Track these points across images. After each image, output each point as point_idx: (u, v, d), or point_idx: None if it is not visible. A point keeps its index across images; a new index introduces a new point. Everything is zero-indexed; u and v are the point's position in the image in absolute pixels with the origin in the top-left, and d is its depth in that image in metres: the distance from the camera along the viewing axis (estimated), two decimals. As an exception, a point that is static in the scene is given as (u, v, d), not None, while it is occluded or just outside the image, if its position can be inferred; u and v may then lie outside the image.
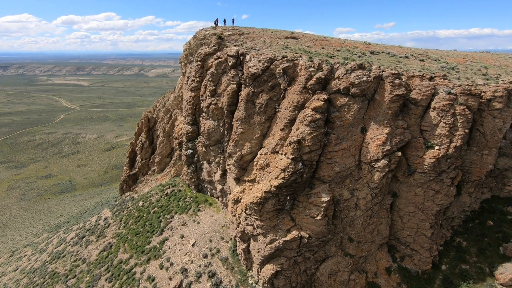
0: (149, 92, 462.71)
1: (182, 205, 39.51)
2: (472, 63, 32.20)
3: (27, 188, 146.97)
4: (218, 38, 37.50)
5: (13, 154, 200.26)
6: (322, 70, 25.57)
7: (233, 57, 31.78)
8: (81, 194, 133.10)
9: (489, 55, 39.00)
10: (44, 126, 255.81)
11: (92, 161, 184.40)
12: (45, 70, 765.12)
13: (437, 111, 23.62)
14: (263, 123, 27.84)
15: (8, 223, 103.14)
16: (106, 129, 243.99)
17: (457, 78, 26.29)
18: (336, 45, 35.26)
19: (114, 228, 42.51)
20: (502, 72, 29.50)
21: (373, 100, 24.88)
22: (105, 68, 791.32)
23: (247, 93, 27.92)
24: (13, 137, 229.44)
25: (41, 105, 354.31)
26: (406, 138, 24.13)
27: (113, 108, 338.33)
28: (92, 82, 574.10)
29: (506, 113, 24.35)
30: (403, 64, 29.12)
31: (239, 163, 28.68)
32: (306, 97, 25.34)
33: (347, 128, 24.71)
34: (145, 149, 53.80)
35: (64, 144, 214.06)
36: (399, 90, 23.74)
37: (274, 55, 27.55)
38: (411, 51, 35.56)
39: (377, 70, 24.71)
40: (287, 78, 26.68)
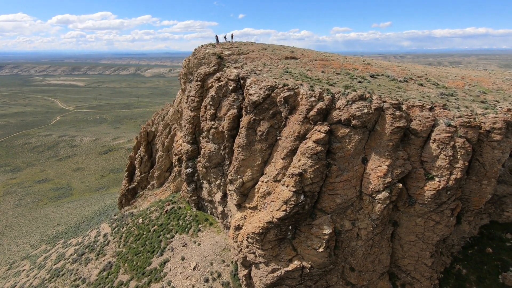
0: (145, 92, 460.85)
1: (182, 224, 39.50)
2: (471, 87, 32.50)
3: (24, 193, 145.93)
4: (218, 58, 37.49)
5: (8, 157, 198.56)
6: (323, 100, 25.69)
7: (234, 81, 31.82)
8: (78, 200, 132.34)
9: (486, 75, 39.35)
10: (40, 129, 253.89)
11: (89, 165, 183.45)
12: (40, 70, 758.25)
13: (437, 143, 23.85)
14: (265, 150, 27.94)
15: (5, 231, 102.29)
16: (103, 131, 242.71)
17: (457, 106, 26.54)
18: (336, 67, 35.41)
19: (114, 246, 42.40)
20: (500, 97, 29.80)
21: (374, 130, 25.07)
22: (101, 68, 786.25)
23: (248, 121, 27.99)
24: (9, 140, 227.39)
25: (37, 107, 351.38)
26: (407, 169, 24.35)
27: (110, 109, 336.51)
28: (88, 83, 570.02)
29: (505, 143, 24.64)
30: (403, 90, 29.33)
31: (240, 190, 28.77)
32: (307, 127, 25.47)
33: (348, 159, 24.88)
34: (144, 163, 53.69)
35: (60, 147, 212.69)
36: (400, 122, 23.94)
37: (275, 83, 27.62)
38: (410, 72, 35.79)
39: (377, 101, 24.87)
40: (288, 106, 26.78)
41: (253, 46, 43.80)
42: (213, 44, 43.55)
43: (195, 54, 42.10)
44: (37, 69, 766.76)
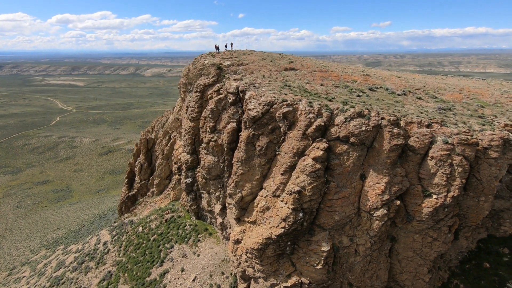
0: (145, 93, 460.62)
1: (182, 234, 39.71)
2: (469, 99, 32.67)
3: (23, 195, 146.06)
4: (218, 68, 37.65)
5: (8, 158, 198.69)
6: (322, 117, 25.86)
7: (233, 94, 32.00)
8: (78, 202, 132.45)
9: (485, 86, 39.50)
10: (39, 129, 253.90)
11: (89, 166, 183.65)
12: (40, 70, 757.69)
13: (435, 161, 24.04)
14: (264, 165, 28.12)
15: (5, 234, 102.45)
16: (103, 132, 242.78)
17: (454, 122, 26.71)
18: (335, 78, 35.56)
19: (113, 255, 42.61)
20: (497, 112, 29.98)
21: (372, 147, 25.26)
22: (101, 68, 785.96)
23: (247, 135, 28.16)
24: (8, 140, 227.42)
25: (36, 107, 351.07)
26: (405, 186, 24.54)
27: (109, 109, 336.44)
28: (87, 83, 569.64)
29: (502, 160, 24.82)
30: (401, 105, 29.50)
31: (240, 204, 28.96)
32: (306, 143, 25.65)
33: (347, 175, 25.07)
34: (144, 170, 53.87)
35: (60, 148, 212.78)
36: (397, 139, 24.12)
37: (274, 98, 27.78)
38: (408, 84, 35.95)
39: (376, 118, 25.05)
40: (287, 122, 26.95)
41: (252, 55, 43.93)
42: (213, 54, 43.70)
43: (195, 64, 42.25)
44: (37, 68, 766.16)
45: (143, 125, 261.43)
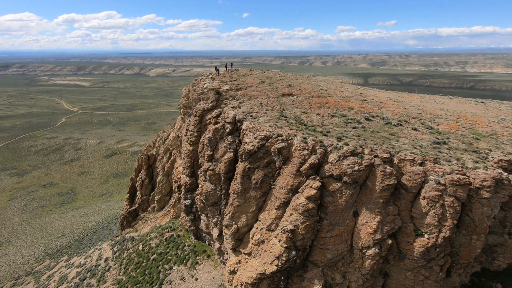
0: (149, 93, 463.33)
1: (181, 255, 40.44)
2: (465, 130, 32.80)
3: (29, 198, 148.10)
4: (216, 93, 38.21)
5: (15, 160, 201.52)
6: (316, 153, 26.29)
7: (230, 124, 32.54)
8: (82, 206, 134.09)
9: (482, 111, 39.46)
10: (45, 131, 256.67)
11: (93, 168, 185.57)
12: (46, 69, 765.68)
13: (427, 200, 24.35)
14: (259, 198, 28.65)
15: (11, 239, 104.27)
16: (107, 134, 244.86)
17: (448, 159, 26.94)
18: (332, 106, 35.89)
19: (114, 273, 43.54)
20: (492, 145, 30.11)
21: (365, 185, 25.64)
22: (106, 68, 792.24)
23: (243, 168, 28.70)
24: (15, 142, 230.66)
25: (43, 108, 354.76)
26: (397, 225, 24.91)
27: (114, 110, 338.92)
28: (93, 83, 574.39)
29: (494, 199, 25.03)
30: (396, 138, 29.77)
31: (235, 235, 29.55)
32: (300, 180, 26.12)
33: (340, 213, 25.50)
34: (145, 186, 54.76)
35: (65, 149, 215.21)
36: (390, 179, 24.47)
37: (270, 133, 28.25)
38: (405, 112, 36.13)
39: (369, 156, 25.40)
40: (282, 157, 27.42)
41: (251, 77, 44.37)
42: (212, 76, 44.25)
43: (195, 86, 42.84)
44: (43, 68, 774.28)
45: (147, 126, 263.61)
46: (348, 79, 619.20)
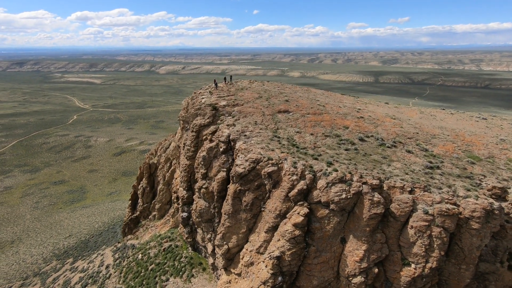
0: (159, 91, 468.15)
1: (178, 266, 41.30)
2: (461, 152, 32.33)
3: (41, 195, 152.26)
4: (213, 109, 38.69)
5: (28, 157, 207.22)
6: (305, 179, 26.47)
7: (224, 143, 32.97)
8: (91, 205, 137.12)
9: (482, 130, 38.68)
10: (57, 128, 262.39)
11: (103, 166, 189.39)
12: (60, 66, 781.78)
13: (415, 230, 24.28)
14: (249, 219, 29.07)
15: (22, 237, 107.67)
16: (117, 132, 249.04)
17: (439, 186, 26.70)
18: (327, 124, 35.86)
19: (114, 281, 44.83)
20: (488, 169, 29.65)
21: (353, 212, 25.71)
22: (117, 65, 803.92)
23: (234, 190, 29.13)
24: (29, 139, 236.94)
25: (55, 105, 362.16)
26: (384, 253, 24.94)
27: (124, 108, 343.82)
28: (104, 80, 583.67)
29: (485, 229, 24.75)
30: (388, 162, 29.61)
31: (226, 255, 30.10)
32: (288, 205, 26.38)
33: (327, 239, 25.67)
34: (146, 194, 55.93)
35: (76, 147, 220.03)
36: (377, 208, 24.48)
37: (260, 156, 28.55)
38: (401, 131, 35.79)
39: (357, 183, 25.43)
40: (272, 181, 27.71)
41: (249, 91, 44.60)
42: (211, 90, 44.69)
43: (193, 100, 43.41)
44: (57, 65, 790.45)
45: (156, 125, 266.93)
46: (359, 78, 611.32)
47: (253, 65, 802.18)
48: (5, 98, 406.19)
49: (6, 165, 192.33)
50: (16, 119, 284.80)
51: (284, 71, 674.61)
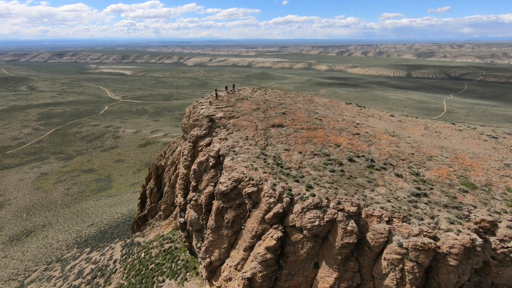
0: (185, 83, 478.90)
1: (174, 268, 43.54)
2: (456, 177, 30.84)
3: (72, 182, 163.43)
4: (210, 121, 39.74)
5: (63, 145, 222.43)
6: (282, 202, 26.84)
7: (214, 158, 33.96)
8: (115, 195, 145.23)
9: (488, 151, 36.23)
10: (90, 118, 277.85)
11: (129, 157, 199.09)
12: (95, 58, 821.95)
13: (387, 262, 23.95)
14: (231, 236, 30.05)
15: (52, 222, 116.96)
16: (143, 124, 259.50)
17: (421, 217, 25.92)
18: (319, 141, 35.58)
19: (119, 276, 48.19)
20: (481, 199, 28.18)
21: (327, 238, 25.77)
22: (148, 57, 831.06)
23: (217, 207, 30.18)
24: (64, 128, 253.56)
25: (89, 95, 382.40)
26: (356, 282, 24.88)
27: (152, 100, 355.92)
28: (135, 71, 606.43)
29: (464, 266, 23.83)
30: (372, 187, 29.06)
31: (208, 268, 31.44)
32: (264, 227, 26.97)
33: (300, 263, 26.03)
34: (154, 194, 58.79)
35: (106, 137, 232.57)
36: (349, 238, 24.37)
37: (243, 176, 29.23)
38: (396, 150, 34.63)
39: (332, 211, 25.39)
40: (252, 201, 28.37)
41: (248, 102, 45.00)
42: (211, 101, 45.66)
43: (195, 109, 44.70)
44: (92, 57, 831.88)
45: (181, 117, 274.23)
46: (390, 72, 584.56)
47: (280, 57, 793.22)
48: (45, 88, 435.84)
49: (43, 152, 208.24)
50: (54, 108, 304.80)
51: (311, 64, 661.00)
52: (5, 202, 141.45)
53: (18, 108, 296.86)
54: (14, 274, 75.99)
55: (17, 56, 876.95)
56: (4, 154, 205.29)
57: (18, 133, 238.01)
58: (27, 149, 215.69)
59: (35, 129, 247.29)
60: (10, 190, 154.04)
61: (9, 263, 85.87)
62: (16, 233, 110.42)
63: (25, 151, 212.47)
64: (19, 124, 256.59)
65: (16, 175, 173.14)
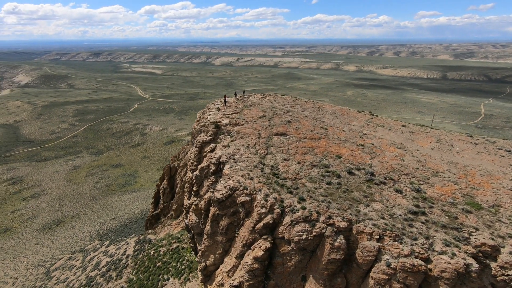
0: (211, 83, 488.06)
1: (179, 268, 45.21)
2: (461, 196, 29.33)
3: (101, 176, 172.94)
4: (215, 127, 40.81)
5: (95, 140, 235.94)
6: (273, 213, 27.14)
7: (215, 165, 34.93)
8: (138, 190, 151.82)
9: (504, 168, 33.91)
10: (121, 115, 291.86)
11: (154, 154, 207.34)
12: (128, 57, 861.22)
13: (374, 281, 23.46)
14: (225, 242, 30.84)
15: (80, 213, 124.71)
16: (169, 122, 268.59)
17: (414, 237, 25.04)
18: (320, 151, 35.33)
19: (129, 271, 50.87)
20: (485, 221, 26.63)
21: (315, 252, 25.71)
22: (177, 56, 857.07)
23: (213, 213, 31.10)
24: (97, 124, 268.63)
25: (121, 93, 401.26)
26: (341, 299, 24.63)
27: (178, 99, 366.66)
28: (164, 71, 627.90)
29: (457, 291, 22.76)
30: (367, 202, 28.46)
31: (204, 272, 32.45)
32: (254, 237, 27.43)
33: (287, 276, 26.21)
34: (166, 194, 61.22)
35: (134, 134, 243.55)
36: (336, 254, 24.18)
37: (237, 185, 29.88)
38: (400, 164, 33.51)
39: (321, 225, 25.30)
40: (245, 210, 28.94)
41: (255, 109, 45.51)
42: (220, 107, 46.72)
43: (204, 114, 46.03)
44: (126, 56, 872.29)
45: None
46: (423, 73, 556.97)
47: (307, 57, 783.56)
48: (82, 85, 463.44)
49: (77, 147, 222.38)
50: (89, 105, 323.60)
51: (339, 64, 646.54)
52: (41, 192, 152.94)
53: (57, 104, 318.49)
54: (42, 260, 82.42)
55: (59, 55, 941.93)
56: (43, 147, 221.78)
57: (56, 128, 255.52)
58: (63, 143, 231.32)
59: (71, 124, 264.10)
60: (46, 181, 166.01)
61: (40, 249, 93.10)
62: (48, 221, 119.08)
63: (61, 145, 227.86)
64: (57, 119, 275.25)
65: (52, 167, 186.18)
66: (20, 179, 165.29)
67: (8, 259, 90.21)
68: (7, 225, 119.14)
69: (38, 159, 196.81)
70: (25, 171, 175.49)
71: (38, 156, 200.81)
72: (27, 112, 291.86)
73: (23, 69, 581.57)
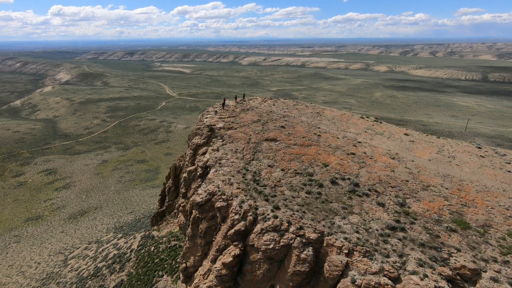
0: (237, 82, 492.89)
1: (173, 266, 46.57)
2: (447, 214, 27.45)
3: (126, 170, 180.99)
4: (210, 130, 41.56)
5: (123, 136, 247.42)
6: (246, 220, 27.23)
7: (202, 168, 35.62)
8: (158, 186, 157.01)
9: (508, 183, 31.11)
10: (148, 113, 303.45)
11: (176, 151, 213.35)
12: (160, 56, 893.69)
13: (339, 297, 22.80)
14: (204, 245, 31.41)
15: (103, 206, 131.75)
16: (194, 120, 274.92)
17: (387, 254, 23.96)
18: (307, 159, 34.71)
19: (130, 265, 53.25)
20: (469, 242, 24.79)
21: (283, 262, 25.45)
22: (206, 56, 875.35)
23: (193, 216, 31.79)
24: (126, 120, 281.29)
25: (150, 92, 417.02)
26: (306, 312, 24.17)
27: (204, 98, 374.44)
28: (192, 70, 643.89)
29: (426, 315, 21.46)
30: (345, 214, 27.59)
31: (184, 272, 33.26)
32: (226, 242, 27.71)
33: (256, 284, 26.18)
34: (171, 192, 63.11)
35: (159, 131, 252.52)
36: (302, 266, 23.78)
37: (216, 190, 30.31)
38: (390, 176, 31.99)
39: (289, 235, 24.99)
40: (221, 216, 29.29)
41: (252, 113, 45.59)
42: (217, 110, 47.40)
43: (203, 116, 47.00)
44: (157, 55, 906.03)
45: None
46: (460, 74, 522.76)
47: (336, 57, 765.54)
48: (115, 83, 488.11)
49: (107, 142, 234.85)
50: (120, 102, 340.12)
51: (369, 64, 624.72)
52: (71, 183, 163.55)
53: (92, 101, 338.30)
54: (63, 248, 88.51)
55: (97, 54, 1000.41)
56: (77, 141, 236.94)
57: (89, 123, 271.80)
58: (95, 138, 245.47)
59: (103, 120, 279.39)
60: (76, 174, 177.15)
61: (63, 238, 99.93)
62: (74, 212, 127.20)
63: (93, 139, 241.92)
64: (91, 115, 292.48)
65: (83, 160, 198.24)
66: (54, 171, 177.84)
67: (36, 245, 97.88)
68: (40, 213, 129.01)
69: (72, 152, 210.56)
70: (59, 163, 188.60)
71: (71, 150, 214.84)
72: (65, 108, 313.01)
73: (64, 68, 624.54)
